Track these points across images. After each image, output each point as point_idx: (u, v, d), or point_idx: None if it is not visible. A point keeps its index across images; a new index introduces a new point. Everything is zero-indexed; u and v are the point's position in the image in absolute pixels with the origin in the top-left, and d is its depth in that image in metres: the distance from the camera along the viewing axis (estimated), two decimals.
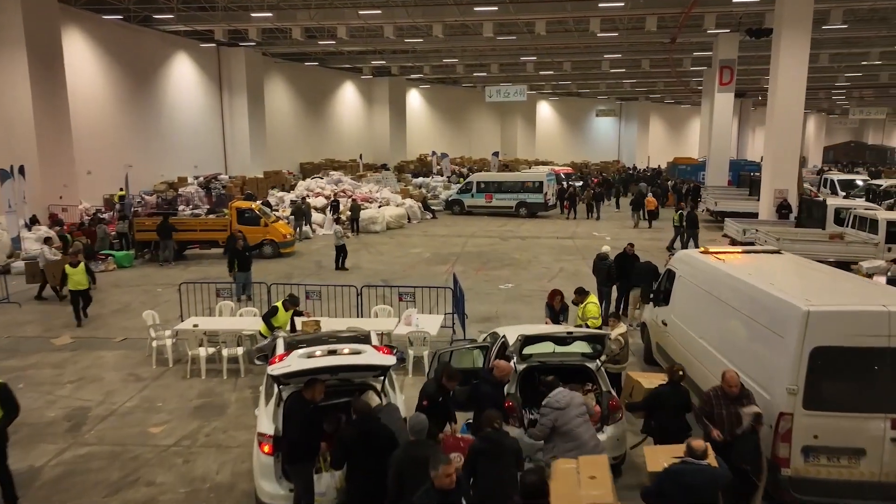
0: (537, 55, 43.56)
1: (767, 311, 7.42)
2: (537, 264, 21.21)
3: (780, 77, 25.04)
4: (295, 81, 46.77)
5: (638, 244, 24.97)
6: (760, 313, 7.57)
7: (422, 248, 24.22)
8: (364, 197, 30.84)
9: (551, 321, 11.19)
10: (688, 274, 10.23)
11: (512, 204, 32.93)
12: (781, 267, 9.46)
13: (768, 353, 7.23)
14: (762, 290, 7.71)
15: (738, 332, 8.10)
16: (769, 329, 7.27)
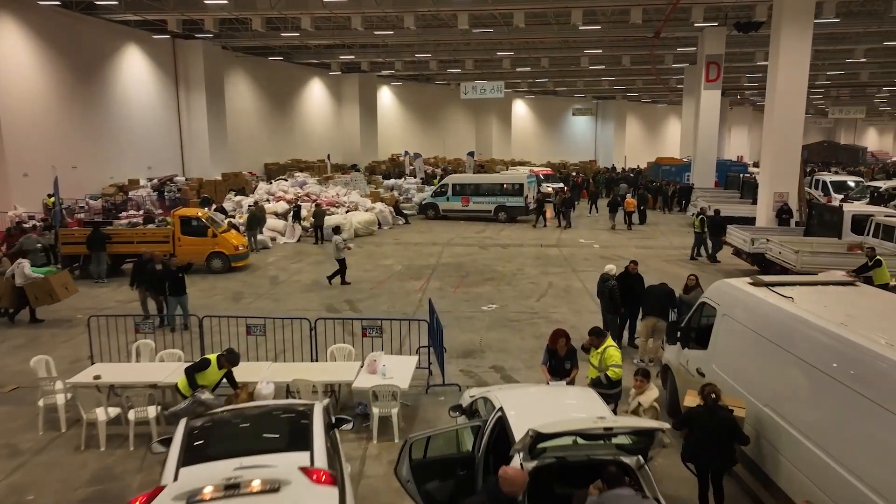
0: (514, 50, 41.11)
1: (889, 381, 4.99)
2: (523, 278, 18.70)
3: (781, 73, 22.92)
4: (258, 77, 43.74)
5: (629, 253, 23.25)
6: (876, 385, 5.14)
7: (393, 259, 21.59)
8: (330, 201, 28.06)
9: (550, 374, 8.59)
10: (738, 314, 7.75)
11: (490, 208, 30.44)
12: (880, 310, 7.04)
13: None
14: (877, 353, 5.28)
15: (834, 408, 5.65)
16: None
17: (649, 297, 11.55)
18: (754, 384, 7.14)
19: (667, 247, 24.05)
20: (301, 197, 28.27)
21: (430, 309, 11.46)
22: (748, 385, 7.24)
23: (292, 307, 15.58)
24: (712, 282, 9.29)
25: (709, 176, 35.09)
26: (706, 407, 6.73)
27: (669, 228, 28.60)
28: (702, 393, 6.88)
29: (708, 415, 6.67)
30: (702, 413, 6.74)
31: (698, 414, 6.77)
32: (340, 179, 33.94)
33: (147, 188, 32.51)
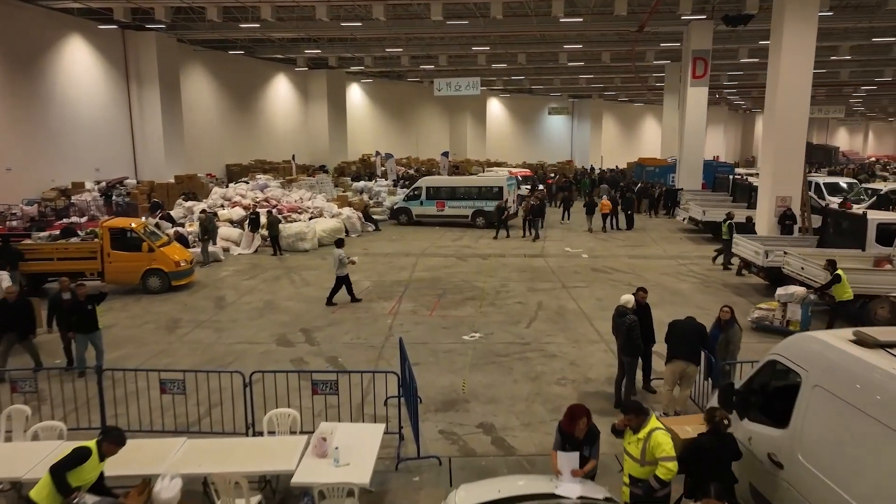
0: (490, 45, 38.72)
1: None
2: (508, 297, 16.24)
3: (783, 67, 20.88)
4: (219, 73, 40.68)
5: (621, 263, 20.86)
6: None
7: (361, 274, 18.97)
8: (291, 207, 25.30)
9: (561, 471, 6.05)
10: (839, 387, 5.34)
11: (467, 213, 27.98)
12: None
13: None
14: None
15: None
16: None
17: (676, 336, 9.14)
18: (869, 492, 4.78)
19: (661, 256, 21.81)
20: (260, 202, 25.47)
21: (402, 354, 8.94)
22: (858, 492, 4.88)
23: (237, 338, 12.93)
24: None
25: (695, 177, 33.05)
26: (716, 435, 6.04)
27: (660, 235, 26.41)
28: (711, 419, 6.10)
29: (718, 443, 6.01)
30: (709, 442, 6.04)
31: (705, 443, 6.06)
32: (305, 182, 31.16)
33: (94, 192, 29.48)
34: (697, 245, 23.76)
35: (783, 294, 12.85)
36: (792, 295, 12.76)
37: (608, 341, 12.60)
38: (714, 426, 6.05)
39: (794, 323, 12.63)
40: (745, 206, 25.21)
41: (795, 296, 12.72)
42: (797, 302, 12.65)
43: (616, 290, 16.73)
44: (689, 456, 6.06)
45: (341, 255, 15.45)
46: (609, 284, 17.40)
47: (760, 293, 16.37)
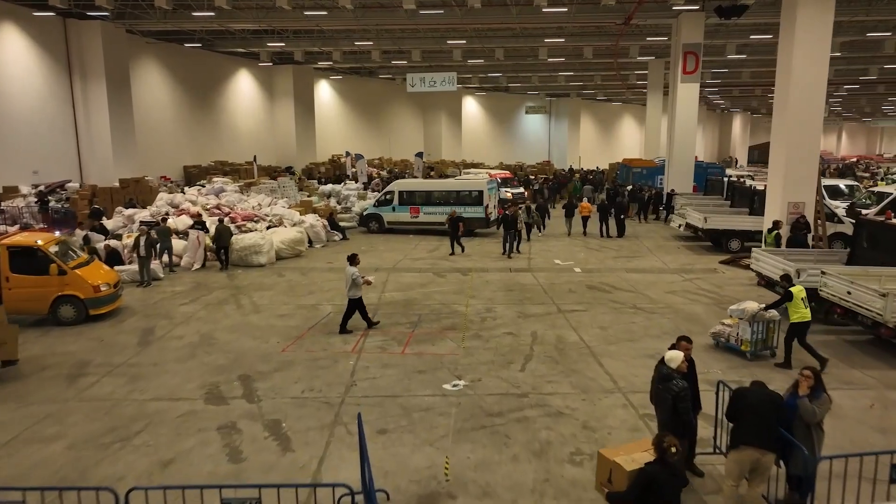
0: (467, 39, 36.03)
1: None
2: (495, 325, 13.54)
3: (797, 59, 18.58)
4: (175, 67, 37.39)
5: (619, 279, 17.31)
6: None
7: (321, 295, 16.14)
8: (246, 215, 22.29)
9: None
10: None
11: (444, 220, 25.21)
12: None
13: None
14: None
15: None
16: None
17: (747, 413, 6.46)
18: None
19: (662, 269, 19.31)
20: (212, 210, 22.42)
21: (360, 442, 6.17)
22: None
23: (156, 392, 10.02)
24: None
25: (686, 180, 30.75)
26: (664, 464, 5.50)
27: (654, 243, 23.95)
28: (657, 442, 5.61)
29: (668, 473, 5.50)
30: (661, 472, 5.47)
31: (657, 473, 5.48)
32: (266, 186, 28.14)
33: (29, 197, 26.19)
34: (699, 255, 21.33)
35: (735, 309, 11.62)
36: (742, 311, 11.38)
37: (625, 390, 9.97)
38: (662, 454, 5.56)
39: (744, 342, 11.34)
40: (748, 213, 22.89)
41: (746, 312, 11.31)
42: (746, 319, 11.27)
43: (620, 314, 14.17)
44: (639, 487, 5.54)
45: (354, 275, 12.70)
46: (611, 308, 14.81)
47: None
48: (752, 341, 11.27)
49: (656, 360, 11.05)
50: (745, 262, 19.19)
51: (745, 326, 11.34)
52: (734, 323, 11.67)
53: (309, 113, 46.13)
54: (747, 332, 11.27)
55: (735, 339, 11.53)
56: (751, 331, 11.24)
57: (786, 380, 10.80)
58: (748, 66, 45.44)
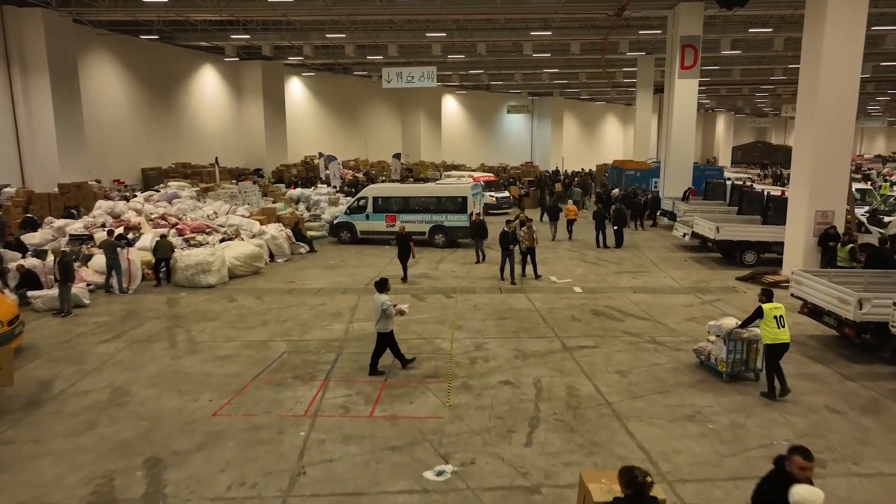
0: (447, 32, 33.28)
1: None
2: (487, 370, 10.80)
3: (827, 53, 16.25)
4: (130, 62, 34.10)
5: (624, 301, 14.24)
6: None
7: (274, 328, 13.28)
8: (196, 226, 19.27)
9: None
10: None
11: (424, 229, 22.47)
12: None
13: None
14: None
15: None
16: None
17: None
18: None
19: (673, 287, 16.72)
20: (156, 220, 19.36)
21: None
22: None
23: (18, 494, 7.11)
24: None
25: (684, 183, 28.33)
26: (636, 496, 4.55)
27: (658, 255, 21.40)
28: (627, 478, 4.60)
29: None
30: None
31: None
32: (225, 191, 25.10)
33: None
34: (711, 270, 18.79)
35: (712, 325, 10.59)
36: (719, 328, 10.31)
37: (670, 477, 7.28)
38: (638, 489, 4.54)
39: (720, 361, 10.32)
40: (762, 222, 20.47)
41: (721, 329, 10.24)
42: (722, 336, 10.22)
43: (639, 352, 11.51)
44: None
45: (385, 304, 10.32)
46: (626, 343, 12.15)
47: (856, 358, 11.43)
48: (729, 361, 10.17)
49: (699, 424, 8.49)
50: (769, 278, 16.74)
51: (720, 345, 10.26)
52: (715, 339, 10.52)
53: (279, 112, 43.04)
54: (723, 352, 10.19)
55: (715, 358, 10.47)
56: (726, 350, 10.12)
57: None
58: (740, 63, 43.24)
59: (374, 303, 10.49)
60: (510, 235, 17.28)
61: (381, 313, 10.33)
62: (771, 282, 16.56)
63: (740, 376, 10.32)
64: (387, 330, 10.47)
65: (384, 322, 10.40)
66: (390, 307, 10.35)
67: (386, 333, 10.50)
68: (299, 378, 10.43)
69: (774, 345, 9.48)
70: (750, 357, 10.23)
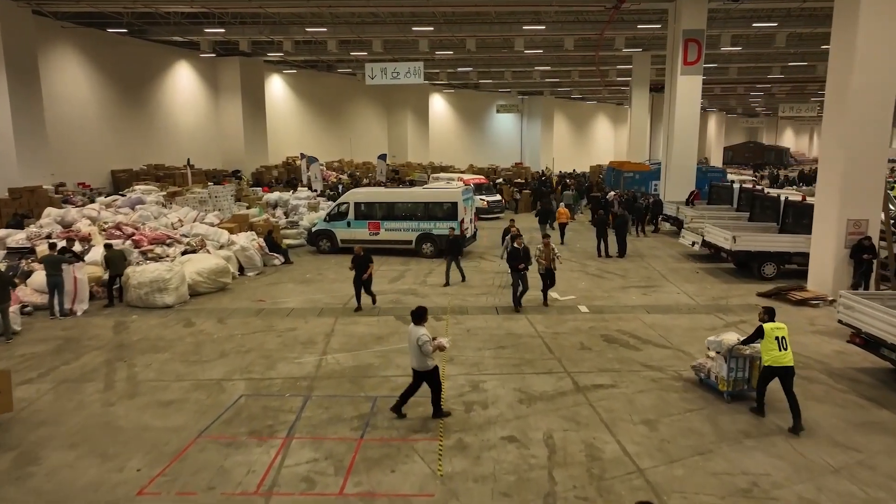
0: (435, 25, 31.30)
1: None
2: (486, 420, 8.82)
3: (861, 46, 14.43)
4: (98, 57, 31.83)
5: (636, 324, 12.82)
6: None
7: (235, 361, 11.24)
8: (155, 236, 17.13)
9: None
10: None
11: (411, 237, 20.50)
12: None
13: None
14: None
15: None
16: None
17: None
18: None
19: (689, 305, 14.86)
20: (109, 230, 17.21)
21: None
22: None
23: None
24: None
25: (687, 185, 26.56)
26: None
27: (665, 265, 19.55)
28: None
29: None
30: None
31: None
32: (194, 196, 22.97)
33: None
34: (727, 284, 16.96)
35: (712, 341, 9.87)
36: (719, 344, 9.59)
37: None
38: None
39: (721, 380, 9.53)
40: (778, 229, 18.70)
41: (723, 345, 9.50)
42: (723, 353, 9.46)
43: (666, 394, 9.60)
44: None
45: (422, 339, 8.50)
46: (649, 380, 10.23)
47: None
48: (730, 380, 9.38)
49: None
50: (795, 295, 14.92)
51: (721, 362, 9.48)
52: (715, 356, 9.72)
53: (259, 111, 40.88)
54: (723, 370, 9.42)
55: (714, 375, 9.69)
56: (727, 368, 9.34)
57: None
58: (738, 60, 41.61)
59: (409, 337, 8.74)
60: (522, 253, 14.38)
61: (417, 350, 8.54)
62: (798, 299, 14.77)
63: (743, 396, 9.42)
64: (426, 368, 8.64)
65: (422, 360, 8.60)
66: (427, 343, 8.47)
67: (426, 371, 8.67)
68: (255, 434, 8.42)
69: (776, 368, 8.54)
70: (753, 375, 9.33)
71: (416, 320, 8.70)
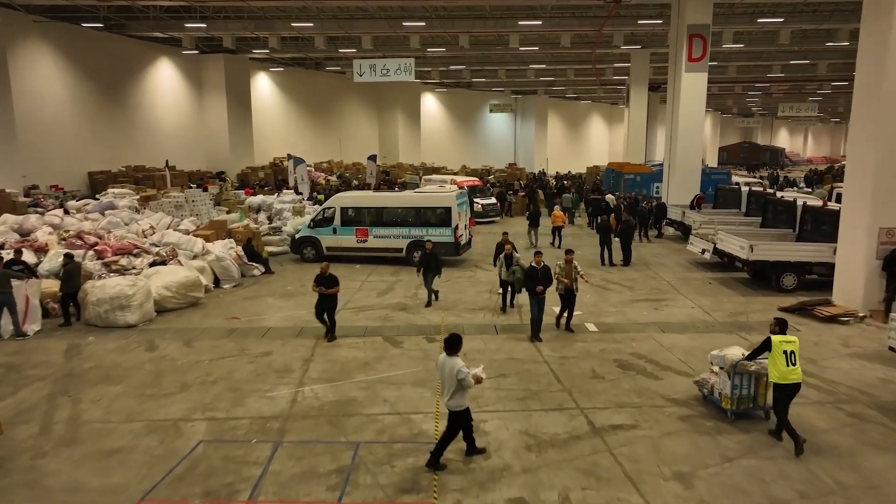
0: (426, 20, 29.85)
1: None
2: (490, 474, 7.36)
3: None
4: (75, 53, 30.19)
5: (651, 346, 11.21)
6: None
7: (197, 395, 9.74)
8: (119, 247, 15.55)
9: None
10: None
11: (401, 245, 19.03)
12: None
13: None
14: None
15: None
16: None
17: None
18: None
19: (708, 323, 13.46)
20: (70, 240, 15.62)
21: None
22: None
23: None
24: None
25: (692, 188, 25.24)
26: None
27: (674, 274, 18.16)
28: None
29: None
30: None
31: None
32: (170, 200, 21.38)
33: None
34: (744, 296, 15.59)
35: (715, 356, 9.18)
36: (723, 359, 8.92)
37: None
38: None
39: (725, 398, 8.81)
40: (794, 237, 17.37)
41: (726, 361, 8.81)
42: (727, 370, 8.75)
43: (699, 433, 8.20)
44: None
45: (462, 371, 7.30)
46: (676, 418, 8.81)
47: None
48: (734, 398, 8.73)
49: None
50: (822, 311, 13.56)
51: (724, 378, 8.80)
52: (718, 371, 9.03)
53: (245, 110, 39.30)
54: (727, 386, 8.75)
55: (718, 392, 9.00)
56: (731, 384, 8.68)
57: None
58: (737, 59, 40.37)
59: (442, 370, 7.49)
60: (541, 273, 12.15)
61: (455, 385, 7.27)
62: (826, 315, 13.41)
63: (748, 415, 8.77)
64: (462, 407, 7.41)
65: (459, 397, 7.33)
66: (468, 376, 7.24)
67: (460, 413, 7.40)
68: (211, 496, 6.93)
69: (785, 385, 7.87)
70: (759, 392, 8.73)
71: (450, 350, 7.41)
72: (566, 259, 12.83)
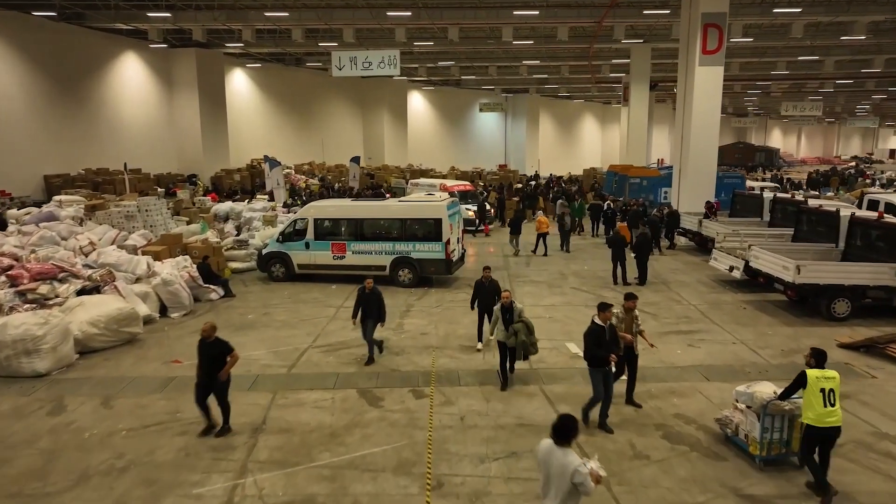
0: (412, 11, 27.19)
1: None
2: None
3: None
4: (28, 46, 27.24)
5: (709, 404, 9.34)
6: None
7: (96, 493, 7.05)
8: (39, 270, 12.71)
9: None
10: None
11: (384, 262, 16.36)
12: None
13: None
14: None
15: None
16: None
17: None
18: None
19: (760, 366, 10.90)
20: None
21: None
22: None
23: None
24: None
25: (706, 193, 22.77)
26: None
27: (698, 296, 15.60)
28: None
29: None
30: None
31: None
32: (120, 210, 18.53)
33: None
34: (790, 326, 13.08)
35: (741, 392, 7.70)
36: (751, 397, 7.46)
37: None
38: None
39: (752, 442, 7.36)
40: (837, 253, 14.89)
41: (755, 399, 7.37)
42: (756, 410, 7.32)
43: None
44: None
45: (580, 470, 4.82)
46: None
47: None
48: (764, 442, 7.26)
49: None
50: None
51: (752, 419, 7.37)
52: (745, 410, 7.63)
53: (219, 109, 36.44)
54: (756, 429, 7.29)
55: (744, 434, 7.56)
56: (760, 427, 7.24)
57: None
58: (741, 55, 38.04)
59: (547, 465, 5.05)
60: (608, 335, 8.32)
61: (568, 489, 4.89)
62: None
63: (779, 461, 7.46)
64: None
65: (574, 501, 4.97)
66: (587, 478, 4.83)
67: None
68: None
69: (818, 428, 6.66)
70: (792, 437, 7.41)
71: (559, 439, 5.03)
72: (625, 306, 9.28)
